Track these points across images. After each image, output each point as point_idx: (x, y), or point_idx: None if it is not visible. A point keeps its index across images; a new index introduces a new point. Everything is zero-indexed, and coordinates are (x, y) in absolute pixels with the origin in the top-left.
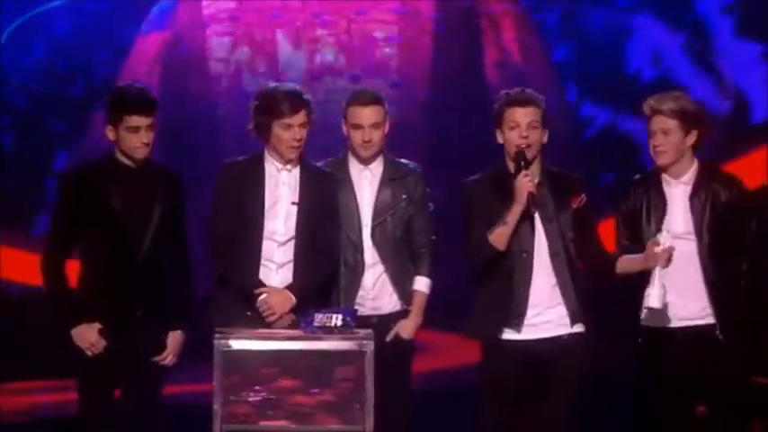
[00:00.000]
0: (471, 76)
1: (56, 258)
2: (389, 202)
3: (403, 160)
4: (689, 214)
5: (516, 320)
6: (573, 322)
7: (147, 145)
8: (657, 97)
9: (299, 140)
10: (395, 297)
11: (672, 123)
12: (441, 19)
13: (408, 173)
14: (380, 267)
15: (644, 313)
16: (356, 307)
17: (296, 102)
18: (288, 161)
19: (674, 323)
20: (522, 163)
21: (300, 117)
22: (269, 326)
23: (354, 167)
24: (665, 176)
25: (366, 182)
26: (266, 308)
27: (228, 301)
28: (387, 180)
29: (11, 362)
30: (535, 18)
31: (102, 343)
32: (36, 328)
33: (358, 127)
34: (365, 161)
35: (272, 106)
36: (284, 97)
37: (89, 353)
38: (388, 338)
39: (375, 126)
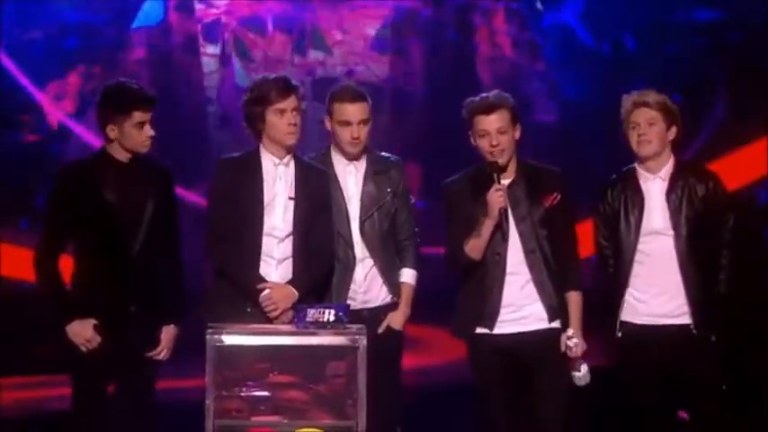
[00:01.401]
0: (464, 71)
1: (49, 255)
2: (376, 195)
3: (384, 153)
4: (666, 209)
5: (489, 320)
6: (551, 318)
7: (151, 138)
8: (639, 92)
9: (295, 125)
10: (384, 290)
11: (656, 114)
12: (433, 14)
13: (391, 166)
14: (370, 261)
15: (623, 308)
16: (348, 301)
17: (284, 87)
18: (288, 150)
19: (652, 320)
20: (496, 176)
21: (292, 101)
22: (270, 321)
23: (339, 162)
24: (641, 172)
25: (351, 177)
26: (269, 303)
27: (223, 297)
28: (371, 174)
29: (3, 357)
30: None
31: (97, 339)
32: (28, 323)
33: (346, 124)
34: (351, 157)
35: (262, 95)
36: (273, 84)
37: (84, 349)
38: (380, 331)
39: (363, 123)
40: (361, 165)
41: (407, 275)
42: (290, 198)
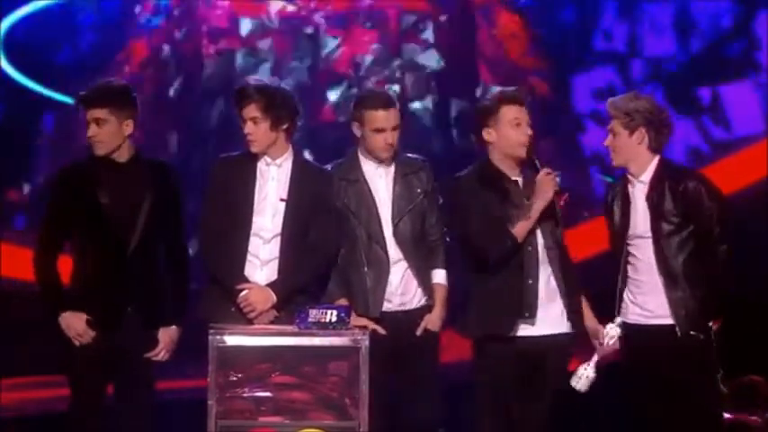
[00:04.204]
0: (465, 71)
1: (47, 253)
2: (407, 197)
3: (410, 155)
4: (647, 213)
5: (529, 314)
6: (568, 316)
7: (90, 138)
8: (613, 99)
9: (251, 134)
10: (420, 292)
11: (617, 123)
12: (435, 13)
13: (420, 167)
14: (404, 263)
15: (620, 308)
16: (385, 304)
17: (240, 97)
18: (256, 155)
19: (641, 320)
20: (537, 162)
21: (249, 111)
22: (250, 322)
23: (368, 166)
24: (629, 177)
25: (381, 180)
26: (246, 304)
27: (213, 297)
28: (401, 176)
29: (3, 357)
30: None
31: (90, 333)
32: (27, 323)
33: (380, 131)
34: (381, 160)
35: (234, 100)
36: (236, 91)
37: (77, 342)
38: (419, 333)
39: (395, 128)
40: (390, 167)
41: (440, 276)
42: (282, 200)
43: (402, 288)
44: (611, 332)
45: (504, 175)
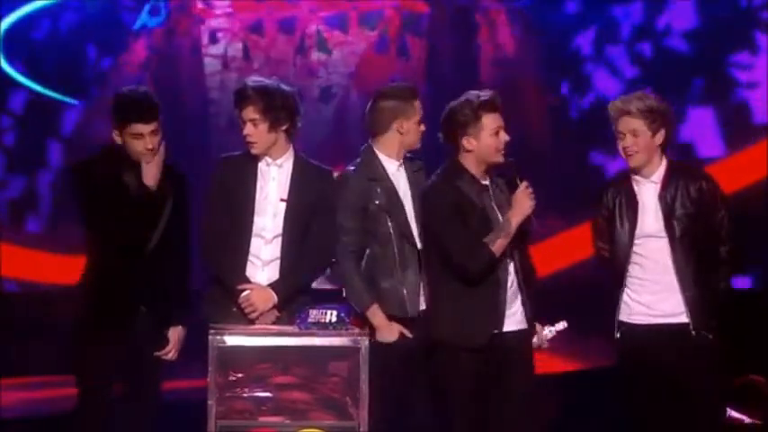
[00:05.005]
0: (466, 73)
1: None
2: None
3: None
4: (659, 213)
5: (499, 323)
6: (527, 317)
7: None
8: (623, 98)
9: (250, 136)
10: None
11: (640, 123)
12: (436, 15)
13: (420, 167)
14: (425, 262)
15: (620, 309)
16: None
17: (238, 98)
18: (257, 157)
19: (649, 320)
20: (518, 177)
21: (248, 113)
22: (252, 322)
23: (390, 164)
24: (635, 177)
25: (402, 177)
26: (247, 305)
27: (217, 297)
28: (411, 173)
29: (3, 357)
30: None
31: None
32: (28, 323)
33: (421, 121)
34: (399, 157)
35: (233, 101)
36: (235, 92)
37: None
38: None
39: None
40: (402, 165)
41: None
42: (282, 200)
43: (421, 287)
44: (549, 335)
45: (477, 180)
